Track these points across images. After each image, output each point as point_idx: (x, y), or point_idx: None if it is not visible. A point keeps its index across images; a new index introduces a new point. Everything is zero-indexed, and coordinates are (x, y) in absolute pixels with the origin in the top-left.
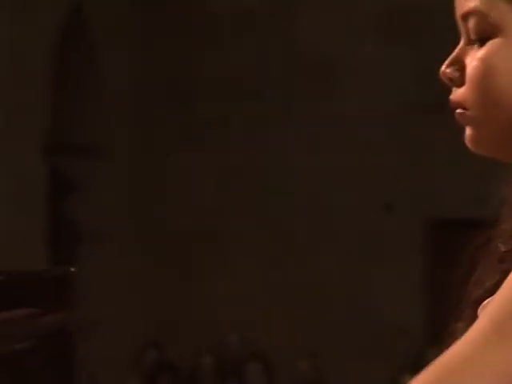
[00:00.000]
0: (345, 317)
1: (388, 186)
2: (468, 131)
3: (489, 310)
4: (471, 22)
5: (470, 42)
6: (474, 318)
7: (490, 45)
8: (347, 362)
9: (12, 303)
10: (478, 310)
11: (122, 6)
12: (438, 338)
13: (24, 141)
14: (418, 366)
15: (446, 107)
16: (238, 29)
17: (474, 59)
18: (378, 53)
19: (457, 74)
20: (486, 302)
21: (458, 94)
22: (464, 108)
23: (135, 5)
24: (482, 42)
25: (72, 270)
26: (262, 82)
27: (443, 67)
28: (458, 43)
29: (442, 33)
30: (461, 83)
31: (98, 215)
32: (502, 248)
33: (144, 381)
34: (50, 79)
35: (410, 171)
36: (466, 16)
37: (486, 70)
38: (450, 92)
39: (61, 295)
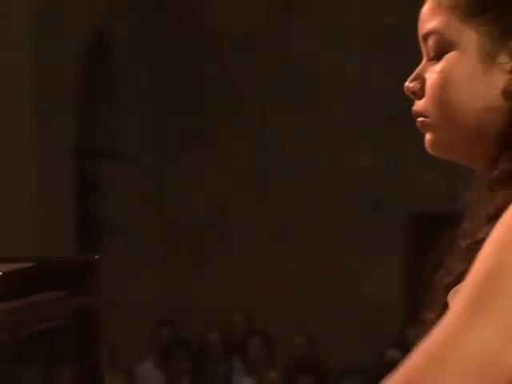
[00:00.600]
0: (335, 299)
1: (375, 185)
2: (428, 137)
3: (461, 295)
4: (430, 41)
5: (429, 59)
6: (444, 303)
7: (447, 58)
8: (337, 338)
9: (44, 286)
10: (448, 296)
11: (138, 24)
12: (418, 318)
13: (56, 147)
14: (400, 343)
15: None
16: (239, 42)
17: (432, 72)
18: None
19: (418, 87)
20: (454, 288)
21: (419, 104)
22: (425, 117)
23: (148, 22)
24: (439, 57)
25: (96, 257)
26: (261, 92)
27: (407, 82)
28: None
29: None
30: (422, 95)
31: (118, 210)
32: (464, 245)
33: (159, 354)
34: (78, 93)
35: (395, 172)
36: (426, 36)
37: (444, 81)
38: None
39: (86, 279)
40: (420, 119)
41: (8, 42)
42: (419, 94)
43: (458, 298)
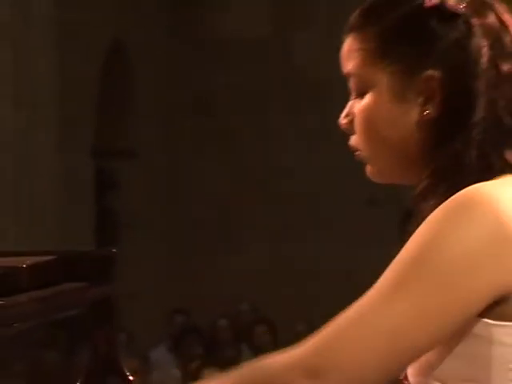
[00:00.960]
0: (335, 288)
1: (371, 183)
2: (367, 168)
3: (386, 270)
4: (351, 82)
5: (355, 96)
6: None
7: (366, 99)
8: None
9: (65, 277)
10: None
11: (152, 32)
12: None
13: (76, 147)
14: None
15: None
16: (246, 50)
17: (356, 111)
18: None
19: (345, 121)
20: None
21: (352, 140)
22: (360, 150)
23: (163, 30)
24: (361, 96)
25: (113, 251)
26: (267, 98)
27: (340, 118)
28: None
29: None
30: (353, 131)
31: (133, 206)
32: None
33: (172, 340)
34: (96, 97)
35: None
36: (347, 76)
37: (365, 120)
38: None
39: (104, 271)
40: (357, 153)
41: (33, 50)
42: (351, 129)
43: (384, 274)
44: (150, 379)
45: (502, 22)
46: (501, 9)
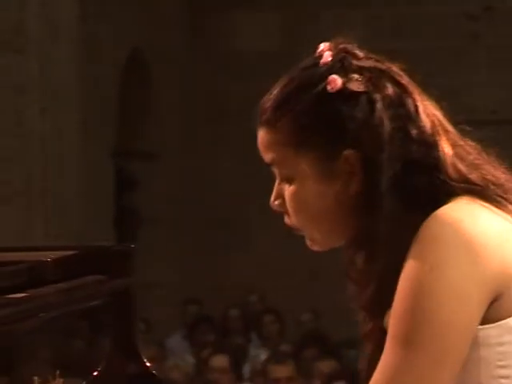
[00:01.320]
0: (339, 280)
1: None
2: (307, 241)
3: (391, 331)
4: (274, 169)
5: (281, 181)
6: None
7: (294, 185)
8: (340, 315)
9: (88, 271)
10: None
11: (172, 43)
12: None
13: (99, 148)
14: None
15: None
16: (258, 63)
17: (286, 196)
18: None
19: (277, 203)
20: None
21: (286, 219)
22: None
23: (181, 42)
24: (287, 181)
25: (131, 246)
26: None
27: (271, 201)
28: None
29: None
30: (286, 211)
31: (152, 205)
32: None
33: (187, 328)
34: (118, 101)
35: None
36: (269, 164)
37: (296, 203)
38: None
39: (124, 265)
40: (295, 230)
41: (59, 61)
42: (283, 210)
43: (390, 333)
44: (166, 365)
45: (400, 88)
46: (397, 72)
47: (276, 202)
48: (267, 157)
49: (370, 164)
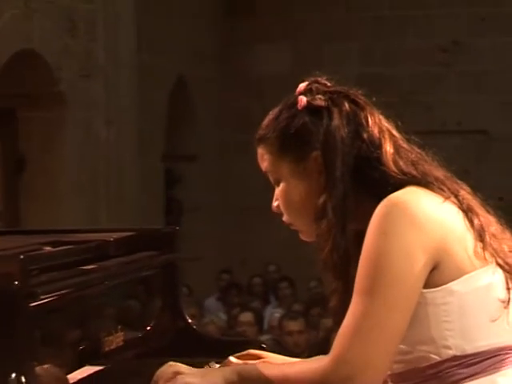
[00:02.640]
0: None
1: None
2: (300, 234)
3: (356, 284)
4: (269, 176)
5: (276, 186)
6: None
7: (281, 186)
8: None
9: (142, 247)
10: None
11: (205, 71)
12: None
13: (152, 153)
14: None
15: None
16: (276, 84)
17: (278, 196)
18: None
19: (276, 205)
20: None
21: (284, 218)
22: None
23: (213, 69)
24: (278, 185)
25: (177, 228)
26: None
27: (272, 204)
28: None
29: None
30: (283, 209)
31: (192, 197)
32: None
33: (220, 292)
34: (166, 116)
35: None
36: (265, 173)
37: (284, 200)
38: None
39: (170, 243)
40: (291, 227)
41: (121, 82)
42: (281, 210)
43: (355, 288)
44: (203, 321)
45: (355, 104)
46: (354, 94)
47: (275, 204)
48: (263, 166)
49: (330, 160)
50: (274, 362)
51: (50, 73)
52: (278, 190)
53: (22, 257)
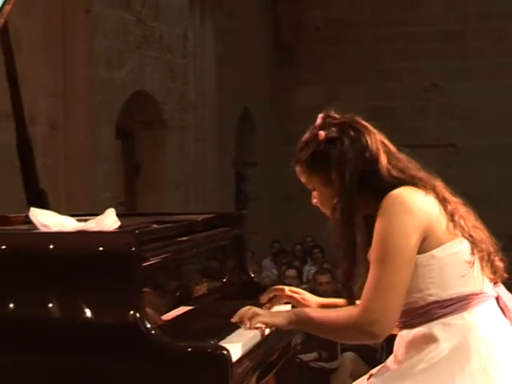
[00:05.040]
0: None
1: None
2: (326, 214)
3: (372, 257)
4: (308, 185)
5: (312, 190)
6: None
7: (316, 191)
8: None
9: (219, 225)
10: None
11: (262, 103)
12: None
13: (226, 160)
14: None
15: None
16: (308, 114)
17: (315, 197)
18: None
19: (315, 201)
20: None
21: (321, 209)
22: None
23: (267, 102)
24: (313, 190)
25: (243, 212)
26: None
27: (312, 201)
28: None
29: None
30: (320, 205)
31: (254, 190)
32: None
33: (273, 255)
34: (236, 134)
35: None
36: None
37: (318, 201)
38: None
39: (240, 222)
40: (322, 211)
41: (206, 113)
42: (318, 204)
43: (372, 260)
44: (261, 276)
45: (357, 131)
46: (356, 121)
47: (314, 201)
48: (302, 179)
49: (342, 174)
50: (319, 309)
51: (157, 106)
52: (314, 193)
53: (136, 231)
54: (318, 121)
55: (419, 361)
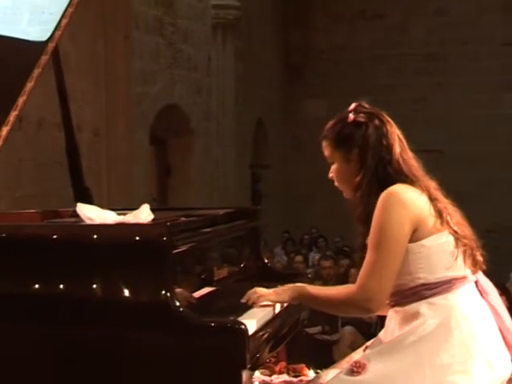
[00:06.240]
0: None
1: None
2: (344, 194)
3: (369, 243)
4: (328, 159)
5: (332, 163)
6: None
7: (335, 165)
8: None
9: (238, 218)
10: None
11: (274, 114)
12: None
13: (244, 163)
14: None
15: None
16: (315, 124)
17: (333, 171)
18: None
19: (331, 175)
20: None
21: (336, 184)
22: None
23: (280, 113)
24: (333, 163)
25: (259, 207)
26: None
27: (329, 174)
28: None
29: None
30: (335, 179)
31: (267, 189)
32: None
33: (283, 244)
34: (252, 141)
35: None
36: (326, 157)
37: (335, 175)
38: None
39: (255, 216)
40: (340, 189)
41: (226, 122)
42: (334, 179)
43: (369, 245)
44: (273, 261)
45: (381, 121)
46: (381, 114)
47: (330, 175)
48: (325, 153)
49: (364, 155)
50: (318, 286)
51: (185, 117)
52: (333, 167)
53: (168, 224)
54: (352, 106)
55: (409, 334)
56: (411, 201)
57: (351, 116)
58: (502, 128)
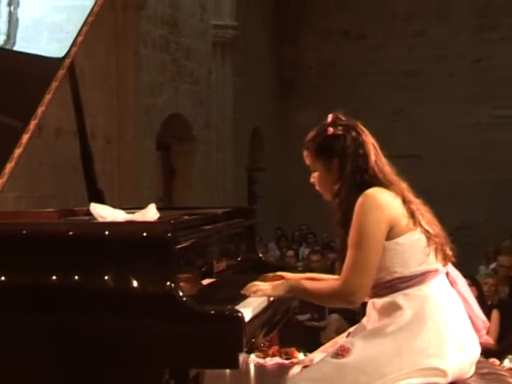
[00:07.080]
0: None
1: None
2: (324, 197)
3: (349, 241)
4: (310, 167)
5: (313, 171)
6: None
7: (316, 173)
8: None
9: (235, 217)
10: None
11: (269, 123)
12: None
13: (241, 166)
14: None
15: None
16: (306, 132)
17: (315, 178)
18: None
19: (313, 180)
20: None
21: (316, 187)
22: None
23: (275, 122)
24: (314, 171)
25: (254, 207)
26: None
27: (311, 179)
28: None
29: None
30: (317, 184)
31: (262, 190)
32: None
33: (276, 240)
34: (248, 147)
35: None
36: (308, 166)
37: (318, 181)
38: None
39: (251, 214)
40: (321, 195)
41: (225, 131)
42: (315, 184)
43: (349, 244)
44: (267, 256)
45: (357, 132)
46: (357, 125)
47: (312, 180)
48: (307, 162)
49: (344, 165)
50: (310, 281)
51: (187, 125)
52: (314, 174)
53: (172, 221)
54: (329, 119)
55: (389, 324)
56: (386, 203)
57: (330, 129)
58: (472, 136)
